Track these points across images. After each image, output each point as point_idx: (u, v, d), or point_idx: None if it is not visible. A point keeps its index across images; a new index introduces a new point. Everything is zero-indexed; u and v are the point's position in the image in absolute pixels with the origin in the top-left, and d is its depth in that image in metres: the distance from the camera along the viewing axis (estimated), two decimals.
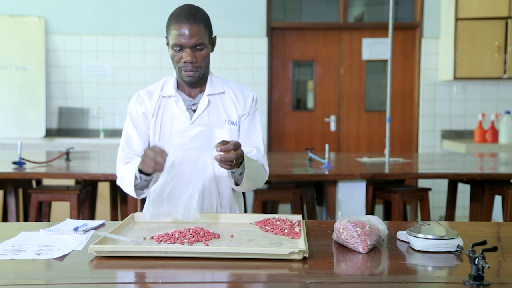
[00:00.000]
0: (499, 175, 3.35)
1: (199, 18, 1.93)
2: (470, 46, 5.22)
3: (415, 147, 5.74)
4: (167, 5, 5.44)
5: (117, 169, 2.08)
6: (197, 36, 1.91)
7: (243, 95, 2.09)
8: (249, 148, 2.06)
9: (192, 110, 2.04)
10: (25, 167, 3.26)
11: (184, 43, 1.91)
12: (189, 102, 2.05)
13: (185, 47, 1.92)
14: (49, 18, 5.40)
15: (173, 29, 1.92)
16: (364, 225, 1.53)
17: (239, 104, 2.07)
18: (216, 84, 2.07)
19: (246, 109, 2.08)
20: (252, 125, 2.10)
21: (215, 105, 2.05)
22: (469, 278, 1.24)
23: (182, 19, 1.91)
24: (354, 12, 5.96)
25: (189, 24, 1.90)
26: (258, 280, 1.32)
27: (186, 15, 1.91)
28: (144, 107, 2.05)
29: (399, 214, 3.43)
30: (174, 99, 2.03)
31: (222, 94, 2.07)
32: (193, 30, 1.90)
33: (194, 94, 2.06)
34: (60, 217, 4.00)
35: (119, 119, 5.50)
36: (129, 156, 2.05)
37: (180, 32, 1.90)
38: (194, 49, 1.93)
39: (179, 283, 1.30)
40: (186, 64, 1.94)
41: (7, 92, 5.29)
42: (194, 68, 1.95)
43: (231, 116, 2.06)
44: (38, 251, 1.50)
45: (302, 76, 5.92)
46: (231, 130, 2.05)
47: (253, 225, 1.78)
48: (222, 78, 2.13)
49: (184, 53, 1.93)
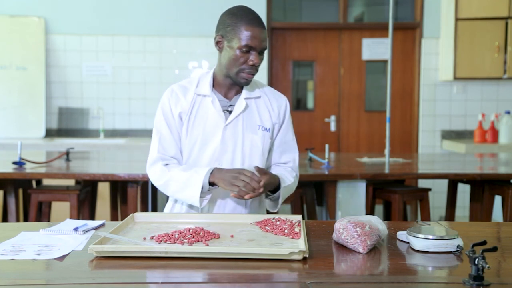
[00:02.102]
0: (499, 175, 3.36)
1: (263, 23, 1.96)
2: (470, 46, 5.22)
3: (415, 147, 5.74)
4: (167, 5, 5.47)
5: (151, 169, 2.00)
6: (266, 40, 1.94)
7: (277, 102, 2.08)
8: (286, 160, 2.09)
9: (228, 111, 2.01)
10: (25, 167, 3.26)
11: (257, 45, 1.90)
12: (225, 103, 2.02)
13: (255, 50, 1.91)
14: (49, 18, 5.40)
15: (245, 30, 1.89)
16: (364, 225, 1.53)
17: (273, 111, 2.06)
18: (253, 88, 2.05)
19: (279, 118, 2.07)
20: (289, 135, 2.10)
21: (250, 109, 2.03)
22: (469, 278, 1.24)
23: (255, 22, 1.91)
24: (354, 12, 5.96)
25: (261, 28, 1.92)
26: (258, 280, 1.32)
27: (256, 18, 1.93)
28: (180, 105, 2.00)
29: (399, 214, 3.43)
30: (210, 99, 2.00)
31: (258, 98, 2.05)
32: (263, 34, 1.92)
33: (231, 96, 2.03)
34: (60, 217, 4.00)
35: (119, 119, 5.51)
36: (165, 158, 2.00)
37: (254, 34, 1.89)
38: (259, 53, 1.93)
39: (179, 283, 1.30)
40: (251, 66, 1.93)
41: (7, 92, 5.29)
42: (255, 71, 1.96)
43: (264, 122, 2.04)
44: (38, 251, 1.50)
45: (302, 76, 5.92)
46: (264, 136, 2.03)
47: (253, 225, 1.78)
48: (257, 80, 2.11)
49: (252, 56, 1.91)
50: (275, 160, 2.11)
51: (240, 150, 2.00)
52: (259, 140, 2.01)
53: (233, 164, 1.99)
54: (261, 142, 2.01)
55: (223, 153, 1.99)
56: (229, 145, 1.99)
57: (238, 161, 2.00)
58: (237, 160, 2.00)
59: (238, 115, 2.00)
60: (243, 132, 2.00)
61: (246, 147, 2.00)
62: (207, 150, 1.99)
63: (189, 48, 5.49)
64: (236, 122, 2.00)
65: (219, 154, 1.98)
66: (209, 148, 1.99)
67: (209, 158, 1.99)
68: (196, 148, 2.00)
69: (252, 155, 2.01)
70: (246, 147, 2.00)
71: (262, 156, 2.03)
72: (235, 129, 1.99)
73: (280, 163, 2.11)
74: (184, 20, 5.45)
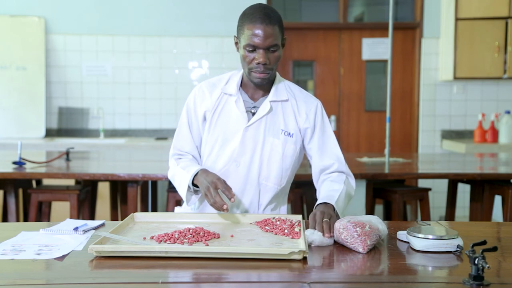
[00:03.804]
0: (499, 175, 3.35)
1: (274, 18, 1.87)
2: (470, 46, 5.22)
3: (415, 147, 5.74)
4: (167, 5, 5.47)
5: (169, 163, 2.06)
6: (272, 38, 1.85)
7: (306, 105, 2.01)
8: (330, 161, 2.00)
9: (251, 112, 1.98)
10: (25, 167, 3.26)
11: (259, 44, 1.85)
12: (250, 104, 1.99)
13: (258, 48, 1.86)
14: (49, 18, 5.40)
15: (247, 29, 1.86)
16: (364, 225, 1.53)
17: (300, 116, 1.99)
18: (281, 91, 1.99)
19: (309, 122, 1.99)
20: (325, 136, 2.02)
21: (275, 113, 1.98)
22: (469, 278, 1.24)
23: (258, 19, 1.85)
24: (354, 12, 5.96)
25: (264, 25, 1.84)
26: (258, 280, 1.32)
27: (262, 15, 1.85)
28: (205, 104, 1.99)
29: (399, 214, 3.43)
30: (234, 99, 1.97)
31: (285, 102, 1.99)
32: (268, 31, 1.85)
33: (257, 97, 2.00)
34: (60, 217, 4.00)
35: (119, 119, 5.51)
36: (179, 153, 2.05)
37: (254, 33, 1.84)
38: (268, 51, 1.87)
39: (179, 283, 1.30)
40: (258, 65, 1.88)
41: (7, 92, 5.29)
42: (266, 70, 1.89)
43: (288, 127, 1.98)
44: (38, 251, 1.50)
45: (302, 76, 5.92)
46: (286, 141, 1.97)
47: (253, 225, 1.78)
48: (289, 82, 2.06)
49: (257, 54, 1.87)
50: (318, 165, 2.02)
51: (259, 153, 1.96)
52: (279, 145, 1.96)
53: (250, 166, 1.96)
54: (281, 147, 1.96)
55: (241, 154, 1.96)
56: (248, 147, 1.95)
57: (256, 164, 1.96)
58: (255, 163, 1.96)
59: (261, 118, 1.96)
60: (265, 135, 1.96)
61: (266, 151, 1.96)
62: (226, 149, 1.97)
63: (189, 48, 5.49)
64: (259, 125, 1.96)
65: (238, 155, 1.96)
66: (228, 148, 1.96)
67: (228, 158, 1.97)
68: (217, 146, 1.98)
69: (271, 160, 1.97)
70: (266, 151, 1.96)
71: (282, 161, 1.97)
72: (257, 132, 1.96)
73: (325, 168, 2.02)
74: (184, 20, 5.44)
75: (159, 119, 5.51)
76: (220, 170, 1.97)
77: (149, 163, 3.78)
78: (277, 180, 1.99)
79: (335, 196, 1.84)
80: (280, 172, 1.98)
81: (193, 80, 5.50)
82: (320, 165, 2.02)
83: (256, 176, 1.97)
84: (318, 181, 2.03)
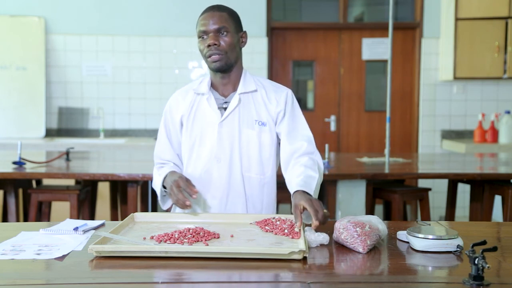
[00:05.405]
0: (499, 175, 3.35)
1: (222, 8, 1.98)
2: (470, 46, 5.21)
3: (415, 147, 5.74)
4: (167, 5, 5.47)
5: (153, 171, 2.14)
6: (219, 21, 1.94)
7: (276, 94, 2.04)
8: (299, 143, 1.98)
9: (223, 108, 2.02)
10: (25, 167, 3.26)
11: (207, 27, 1.94)
12: (221, 101, 2.03)
13: (208, 33, 1.94)
14: (49, 18, 5.40)
15: (199, 21, 1.97)
16: (364, 225, 1.53)
17: (270, 104, 2.02)
18: (249, 83, 2.04)
19: (280, 107, 2.01)
20: (295, 121, 2.03)
21: (246, 104, 2.02)
22: (469, 278, 1.24)
23: (207, 10, 1.98)
24: (354, 12, 5.96)
25: (211, 12, 1.96)
26: (258, 280, 1.32)
27: (211, 6, 1.98)
28: (180, 110, 2.06)
29: (399, 214, 3.43)
30: (206, 97, 2.02)
31: (255, 92, 2.03)
32: (215, 16, 1.94)
33: (227, 93, 2.04)
34: (60, 217, 4.00)
35: (119, 119, 5.51)
36: (161, 162, 2.12)
37: (204, 20, 1.95)
38: (218, 34, 1.94)
39: (179, 283, 1.30)
40: (210, 48, 1.94)
41: (7, 92, 5.29)
42: (218, 52, 1.94)
43: (261, 116, 2.01)
44: (38, 251, 1.50)
45: (302, 76, 5.92)
46: (261, 130, 2.01)
47: (253, 225, 1.78)
48: (258, 76, 2.11)
49: (208, 38, 1.95)
50: (288, 148, 1.99)
51: (237, 146, 2.00)
52: (255, 135, 2.00)
53: (231, 160, 2.00)
54: (257, 137, 2.00)
55: (220, 150, 2.00)
56: (226, 142, 2.00)
57: (236, 157, 2.00)
58: (235, 156, 2.00)
59: (233, 111, 2.00)
60: (240, 128, 2.00)
61: (243, 143, 2.00)
62: (205, 148, 2.02)
63: (189, 48, 5.49)
64: (232, 118, 2.00)
65: (217, 151, 2.00)
66: (206, 146, 2.01)
67: (208, 156, 2.01)
68: (196, 146, 2.03)
69: (250, 151, 2.00)
70: (243, 143, 2.00)
71: (260, 151, 2.01)
72: (231, 126, 2.00)
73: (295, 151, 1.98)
74: (184, 20, 5.44)
75: (159, 119, 5.46)
76: (202, 169, 2.02)
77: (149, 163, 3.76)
78: (259, 170, 2.02)
79: (312, 185, 1.82)
80: (260, 162, 2.01)
81: (193, 80, 5.50)
82: (290, 148, 1.99)
83: (238, 169, 2.00)
84: (289, 165, 1.98)
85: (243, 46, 2.04)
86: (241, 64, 2.06)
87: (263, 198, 2.06)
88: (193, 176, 2.01)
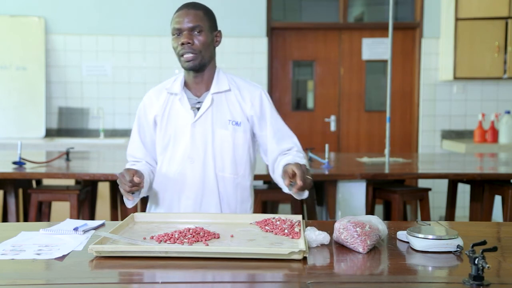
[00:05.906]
0: (499, 175, 3.35)
1: (198, 6, 1.97)
2: (470, 46, 5.22)
3: (415, 147, 5.74)
4: (167, 5, 5.47)
5: None
6: (193, 20, 1.93)
7: (250, 94, 2.04)
8: (288, 145, 2.05)
9: (196, 108, 2.02)
10: (25, 167, 3.26)
11: (181, 25, 1.93)
12: (194, 101, 2.03)
13: (183, 31, 1.93)
14: (49, 18, 5.40)
15: (174, 18, 1.96)
16: (364, 225, 1.52)
17: (245, 104, 2.03)
18: (222, 82, 2.03)
19: (254, 109, 2.03)
20: (278, 123, 2.07)
21: (219, 104, 2.02)
22: (469, 278, 1.24)
23: (182, 7, 1.96)
24: (354, 12, 5.96)
25: (186, 9, 1.94)
26: (258, 280, 1.32)
27: (186, 4, 1.97)
28: (154, 109, 2.06)
29: (399, 214, 3.43)
30: (178, 97, 2.03)
31: (228, 92, 2.03)
32: (190, 14, 1.93)
33: (200, 93, 2.04)
34: (60, 217, 4.00)
35: (119, 119, 5.51)
36: (133, 160, 2.12)
37: (178, 19, 1.94)
38: (192, 33, 1.93)
39: (179, 283, 1.29)
40: (183, 46, 1.93)
41: (7, 92, 5.29)
42: (192, 50, 1.94)
43: (235, 116, 2.02)
44: (38, 251, 1.50)
45: (302, 76, 5.92)
46: (235, 130, 2.01)
47: (253, 225, 1.78)
48: (231, 74, 2.10)
49: (182, 36, 1.94)
50: (275, 150, 2.05)
51: (210, 146, 2.00)
52: (229, 135, 2.01)
53: (204, 160, 2.00)
54: (231, 137, 2.01)
55: (193, 150, 2.00)
56: (199, 142, 2.00)
57: (210, 157, 2.00)
58: (208, 156, 2.01)
59: (206, 111, 2.00)
60: (213, 128, 2.00)
61: (217, 143, 2.00)
62: (178, 148, 2.02)
63: None
64: (205, 119, 2.00)
65: (190, 152, 2.00)
66: (180, 146, 2.01)
67: (181, 156, 2.01)
68: (170, 147, 2.03)
69: (223, 151, 2.01)
70: (217, 143, 2.00)
71: (234, 151, 2.02)
72: (204, 126, 2.00)
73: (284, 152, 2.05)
74: None
75: None
76: (176, 170, 2.02)
77: None
78: (233, 170, 2.03)
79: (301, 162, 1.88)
80: (234, 161, 2.02)
81: None
82: (278, 149, 2.05)
83: (212, 169, 2.01)
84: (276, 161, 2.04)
85: (217, 45, 2.04)
86: (215, 63, 2.06)
87: (237, 197, 2.07)
88: (167, 176, 2.03)
